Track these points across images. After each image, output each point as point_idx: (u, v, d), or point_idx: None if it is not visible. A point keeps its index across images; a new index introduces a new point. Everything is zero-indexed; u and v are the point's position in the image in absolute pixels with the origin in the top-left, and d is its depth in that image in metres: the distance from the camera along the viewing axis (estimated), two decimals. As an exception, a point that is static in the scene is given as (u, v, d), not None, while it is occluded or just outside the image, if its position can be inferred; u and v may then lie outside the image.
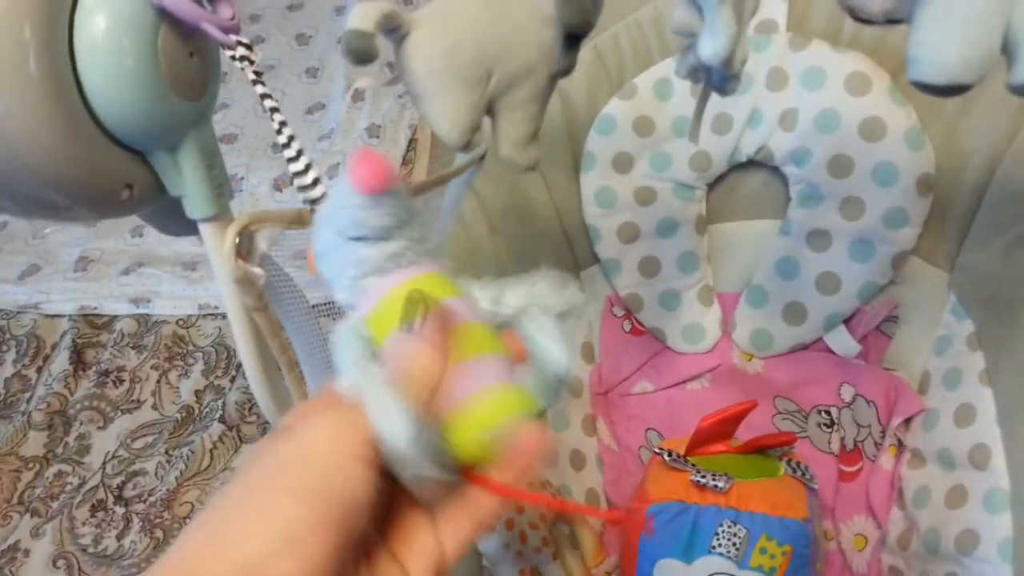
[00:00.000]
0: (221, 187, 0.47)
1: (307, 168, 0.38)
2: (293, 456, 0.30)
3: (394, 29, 0.42)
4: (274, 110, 0.39)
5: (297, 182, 0.39)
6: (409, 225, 0.34)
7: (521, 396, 0.34)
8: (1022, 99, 0.67)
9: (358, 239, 0.34)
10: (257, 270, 0.48)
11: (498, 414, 0.33)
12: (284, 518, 0.28)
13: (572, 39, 0.44)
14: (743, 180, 0.83)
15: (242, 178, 1.62)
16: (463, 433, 0.33)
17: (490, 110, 0.46)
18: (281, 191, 1.59)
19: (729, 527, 0.62)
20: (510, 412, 0.33)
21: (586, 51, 0.78)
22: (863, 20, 0.39)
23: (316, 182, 0.38)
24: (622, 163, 0.80)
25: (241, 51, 0.40)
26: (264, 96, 0.38)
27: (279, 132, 0.39)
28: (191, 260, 1.53)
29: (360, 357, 0.33)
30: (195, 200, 0.46)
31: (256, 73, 0.39)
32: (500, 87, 0.44)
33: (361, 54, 0.40)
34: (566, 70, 0.46)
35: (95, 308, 1.51)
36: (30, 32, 0.38)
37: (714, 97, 0.77)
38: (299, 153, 0.38)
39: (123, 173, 0.43)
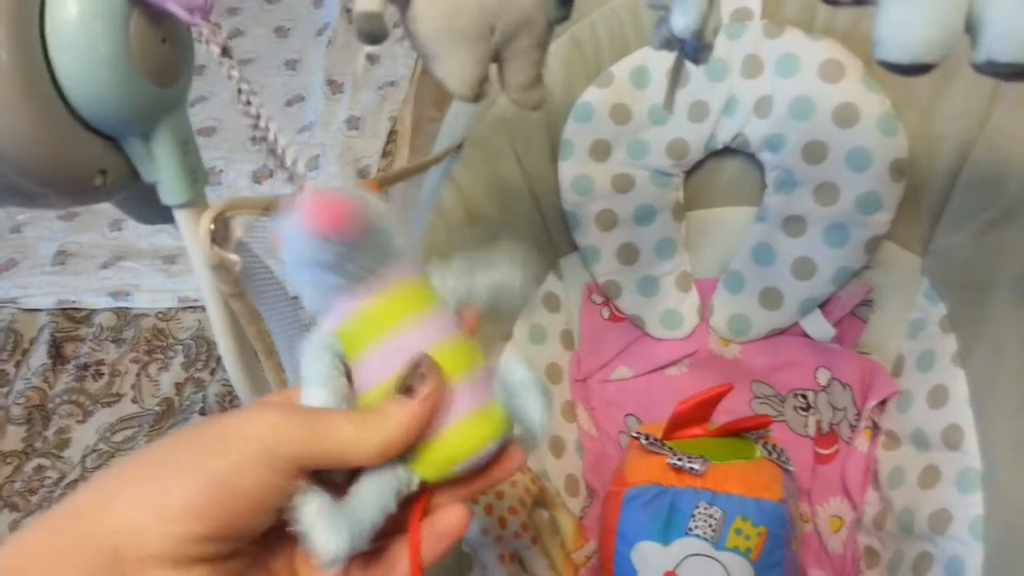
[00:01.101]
0: (195, 173, 0.47)
1: (275, 139, 0.38)
2: (213, 436, 0.30)
3: None
4: (241, 80, 0.39)
5: (270, 152, 0.38)
6: (372, 246, 0.33)
7: (492, 422, 0.34)
8: (993, 86, 0.69)
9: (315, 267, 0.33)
10: (233, 256, 0.48)
11: (470, 447, 0.33)
12: (168, 494, 0.28)
13: None
14: (720, 167, 0.83)
15: (221, 171, 1.61)
16: (432, 464, 0.33)
17: (495, 59, 0.48)
18: (260, 183, 1.58)
19: (705, 509, 0.62)
20: (483, 442, 0.33)
21: (563, 39, 0.78)
22: (832, 2, 0.39)
23: (284, 155, 0.38)
24: (599, 151, 0.81)
25: (207, 31, 0.40)
26: (231, 68, 0.38)
27: (248, 104, 0.39)
28: (170, 253, 1.52)
29: (331, 376, 0.33)
30: (169, 186, 0.46)
31: (223, 50, 0.39)
32: (503, 38, 0.46)
33: (374, 35, 0.41)
34: (563, 17, 0.48)
35: (74, 302, 1.50)
36: (0, 18, 0.38)
37: (691, 85, 0.78)
38: (267, 125, 0.38)
39: (96, 159, 0.43)
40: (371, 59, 1.79)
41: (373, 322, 0.33)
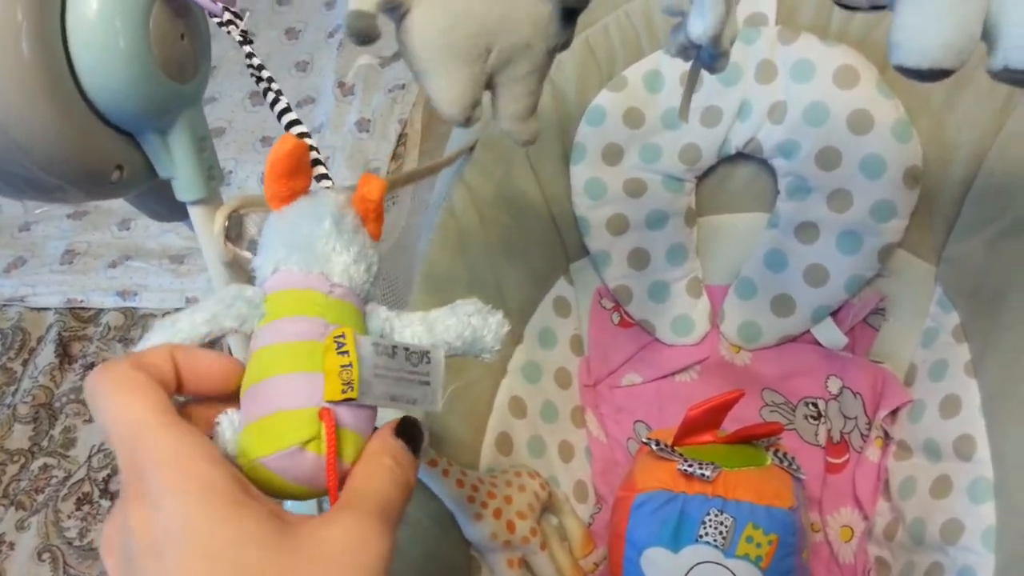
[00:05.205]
0: (211, 170, 0.47)
1: (290, 115, 0.39)
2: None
3: (394, 7, 0.42)
4: (260, 67, 0.40)
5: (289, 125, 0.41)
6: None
7: (300, 427, 0.34)
8: (1007, 93, 0.69)
9: None
10: (246, 254, 0.48)
11: (276, 443, 0.33)
12: None
13: (569, 13, 0.45)
14: (732, 173, 0.83)
15: (230, 172, 1.62)
16: (246, 451, 0.34)
17: (489, 85, 0.46)
18: (270, 185, 1.59)
19: (716, 516, 0.62)
20: (284, 444, 0.33)
21: (577, 42, 0.78)
22: (849, 7, 0.39)
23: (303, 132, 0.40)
24: (612, 155, 0.80)
25: (228, 16, 0.40)
26: (249, 55, 0.39)
27: (267, 89, 0.40)
28: (178, 253, 1.52)
29: (216, 319, 0.36)
30: (185, 183, 0.46)
31: (242, 34, 0.39)
32: (499, 62, 0.45)
33: (363, 34, 0.41)
34: (563, 45, 0.47)
35: (81, 301, 1.50)
36: (22, 14, 0.38)
37: (704, 90, 0.78)
38: (286, 105, 0.40)
39: (114, 154, 0.43)
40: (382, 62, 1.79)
41: (287, 303, 0.37)
